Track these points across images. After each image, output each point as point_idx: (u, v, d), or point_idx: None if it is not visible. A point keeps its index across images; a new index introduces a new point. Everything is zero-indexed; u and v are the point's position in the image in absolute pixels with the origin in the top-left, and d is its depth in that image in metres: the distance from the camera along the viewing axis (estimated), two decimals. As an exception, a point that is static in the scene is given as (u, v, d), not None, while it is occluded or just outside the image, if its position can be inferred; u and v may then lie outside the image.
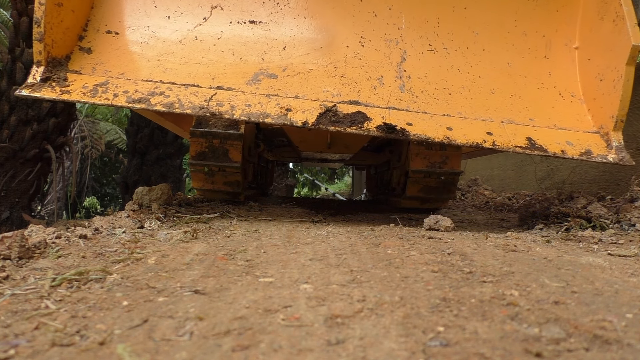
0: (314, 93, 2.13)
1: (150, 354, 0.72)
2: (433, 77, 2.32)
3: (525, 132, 2.17)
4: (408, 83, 2.27)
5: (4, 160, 4.83)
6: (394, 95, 2.20)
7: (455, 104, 2.24)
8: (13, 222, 4.76)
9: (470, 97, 2.29)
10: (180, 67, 2.14)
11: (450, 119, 2.15)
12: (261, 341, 0.76)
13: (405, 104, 2.18)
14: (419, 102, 2.21)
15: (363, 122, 2.00)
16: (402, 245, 1.57)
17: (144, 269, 1.26)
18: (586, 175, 3.95)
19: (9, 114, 4.88)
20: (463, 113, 2.21)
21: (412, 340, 0.76)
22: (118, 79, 2.04)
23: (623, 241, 1.91)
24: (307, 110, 2.02)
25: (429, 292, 1.04)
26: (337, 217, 2.75)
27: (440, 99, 2.24)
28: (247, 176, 3.37)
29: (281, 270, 1.25)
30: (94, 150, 9.73)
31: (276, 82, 2.14)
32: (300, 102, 2.05)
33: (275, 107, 2.00)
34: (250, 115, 1.94)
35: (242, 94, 2.05)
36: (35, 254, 1.35)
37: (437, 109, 2.20)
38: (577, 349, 0.74)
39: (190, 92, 2.02)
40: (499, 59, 2.42)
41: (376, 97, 2.18)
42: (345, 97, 2.14)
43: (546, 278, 1.18)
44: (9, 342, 0.77)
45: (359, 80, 2.22)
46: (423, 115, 2.14)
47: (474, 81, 2.35)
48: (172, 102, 1.94)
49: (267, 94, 2.08)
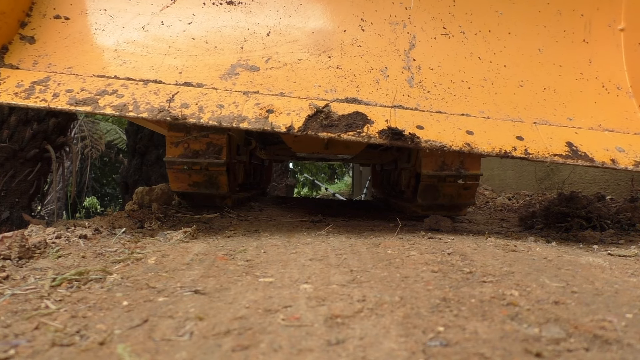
0: (302, 89, 1.80)
1: (150, 354, 0.72)
2: (448, 68, 1.96)
3: (564, 136, 1.81)
4: (418, 75, 1.92)
5: (4, 160, 4.83)
6: (400, 90, 1.86)
7: (476, 100, 1.89)
8: (13, 222, 4.77)
9: (494, 92, 1.93)
10: (141, 59, 1.81)
11: (470, 120, 1.81)
12: (261, 341, 0.76)
13: (415, 102, 1.84)
14: (432, 98, 1.86)
15: (362, 125, 1.69)
16: (402, 245, 1.57)
17: (144, 269, 1.26)
18: (586, 175, 3.95)
19: (8, 113, 4.88)
20: (486, 112, 1.86)
21: (412, 340, 0.76)
22: (63, 75, 1.71)
23: (623, 241, 1.91)
24: (293, 111, 1.70)
25: (429, 292, 1.04)
26: (338, 217, 2.75)
27: (457, 94, 1.89)
28: (236, 177, 3.01)
29: (281, 270, 1.25)
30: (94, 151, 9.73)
31: (257, 76, 1.81)
32: (286, 101, 1.74)
33: (254, 108, 1.68)
34: (222, 119, 1.62)
35: (214, 92, 1.73)
36: (35, 254, 1.35)
37: (453, 107, 1.85)
38: (577, 349, 0.74)
39: (150, 90, 1.69)
40: (528, 45, 2.05)
41: (379, 93, 1.84)
42: (341, 93, 1.81)
43: (546, 278, 1.18)
44: (9, 342, 0.77)
45: (358, 73, 1.89)
46: (437, 116, 1.80)
47: (498, 72, 1.99)
48: (126, 103, 1.61)
49: (245, 91, 1.75)
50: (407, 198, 3.07)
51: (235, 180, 2.96)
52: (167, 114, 1.60)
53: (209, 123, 1.61)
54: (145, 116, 1.59)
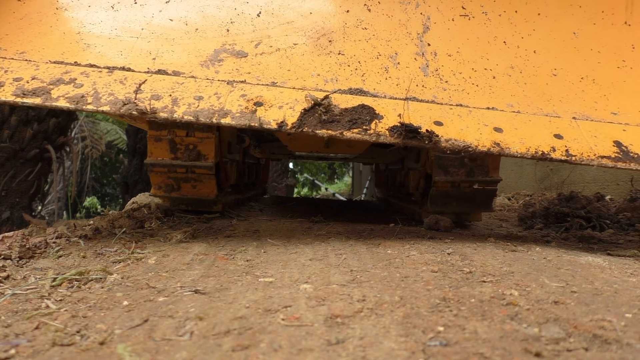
0: (298, 78, 1.57)
1: (150, 353, 0.72)
2: (469, 54, 1.71)
3: (610, 133, 1.58)
4: (434, 62, 1.67)
5: (5, 161, 4.83)
6: (414, 79, 1.62)
7: (503, 91, 1.65)
8: (13, 222, 4.77)
9: (524, 82, 1.69)
10: (108, 43, 1.58)
11: (497, 115, 1.58)
12: (261, 341, 0.76)
13: (431, 93, 1.60)
14: (451, 89, 1.63)
15: (369, 121, 1.46)
16: (402, 245, 1.58)
17: (144, 268, 1.26)
18: (585, 175, 3.95)
19: (9, 113, 4.88)
20: (515, 105, 1.62)
21: (412, 340, 0.76)
22: (12, 61, 1.49)
23: (622, 241, 1.91)
24: (287, 104, 1.47)
25: (429, 291, 1.04)
26: (338, 217, 2.75)
27: (480, 84, 1.66)
28: (228, 178, 2.76)
29: (281, 270, 1.26)
30: (94, 151, 9.74)
31: (245, 63, 1.58)
32: (278, 92, 1.51)
33: (239, 101, 1.45)
34: (199, 113, 1.40)
35: (192, 81, 1.50)
36: (36, 253, 1.35)
37: (477, 99, 1.62)
38: (576, 348, 0.74)
39: (115, 78, 1.47)
40: (561, 27, 1.80)
41: (388, 84, 1.60)
42: (343, 83, 1.58)
43: (546, 278, 1.18)
44: (9, 341, 0.77)
45: (363, 59, 1.65)
46: (458, 110, 1.57)
47: (527, 58, 1.74)
48: (84, 94, 1.39)
49: (229, 80, 1.52)
50: (416, 201, 2.83)
51: (227, 181, 2.75)
52: (132, 107, 1.38)
53: (184, 118, 1.39)
54: (106, 109, 1.37)
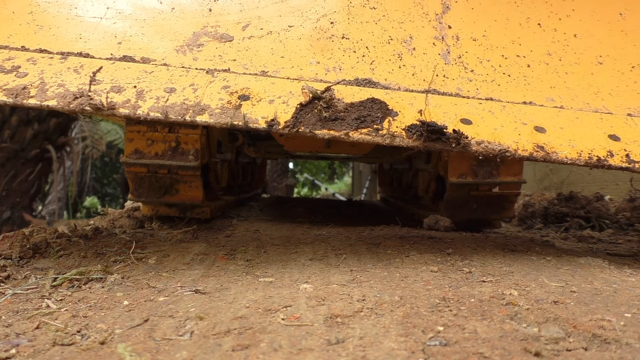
0: (293, 66, 1.34)
1: (150, 353, 0.72)
2: (497, 38, 1.47)
3: None
4: (456, 48, 1.44)
5: (5, 161, 4.84)
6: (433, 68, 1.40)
7: (540, 82, 1.43)
8: (14, 222, 4.77)
9: (564, 71, 1.46)
10: (65, 25, 1.35)
11: (537, 111, 1.35)
12: (261, 341, 0.76)
13: (455, 84, 1.37)
14: (478, 80, 1.40)
15: (381, 119, 1.22)
16: (402, 245, 1.58)
17: (144, 268, 1.26)
18: (585, 176, 3.95)
19: (10, 114, 4.89)
20: (556, 99, 1.40)
21: (411, 340, 0.76)
22: None
23: (622, 241, 1.91)
24: (279, 97, 1.24)
25: (429, 291, 1.04)
26: (338, 218, 2.75)
27: (513, 74, 1.43)
28: (218, 180, 2.54)
29: (281, 270, 1.26)
30: (94, 151, 9.75)
31: (230, 49, 1.35)
32: (268, 83, 1.28)
33: (221, 94, 1.23)
34: (169, 109, 1.16)
35: (163, 70, 1.27)
36: (37, 253, 1.35)
37: (510, 92, 1.39)
38: (576, 348, 0.75)
39: (69, 66, 1.24)
40: (605, 7, 1.56)
41: (402, 73, 1.37)
42: (348, 72, 1.35)
43: (545, 277, 1.18)
44: (10, 341, 0.77)
45: (372, 44, 1.41)
46: (488, 105, 1.34)
47: (567, 44, 1.50)
48: (27, 85, 1.16)
49: (209, 69, 1.30)
50: (426, 205, 2.60)
51: (218, 183, 2.54)
52: (85, 102, 1.13)
53: (150, 115, 1.15)
54: (52, 104, 1.13)
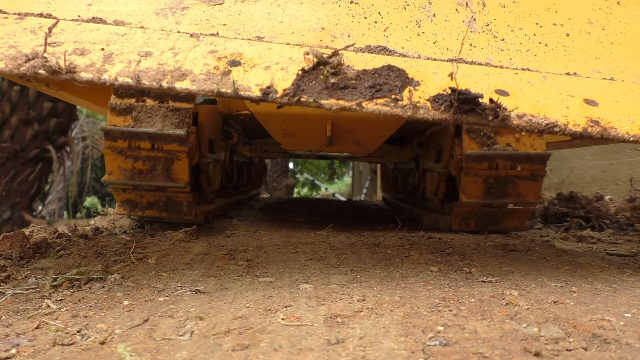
0: (294, 32, 1.18)
1: (150, 353, 0.72)
2: (529, 5, 1.33)
3: None
4: (483, 15, 1.29)
5: (5, 161, 4.84)
6: (457, 36, 1.25)
7: (583, 53, 1.29)
8: (14, 222, 4.78)
9: (609, 41, 1.32)
10: None
11: (584, 83, 1.22)
12: (261, 340, 0.76)
13: (483, 54, 1.23)
14: (510, 49, 1.25)
15: (400, 87, 1.05)
16: (401, 245, 1.58)
17: (144, 268, 1.26)
18: (585, 175, 3.95)
19: (10, 114, 4.89)
20: (604, 71, 1.26)
21: (411, 340, 0.76)
22: None
23: (621, 241, 1.91)
24: (276, 64, 1.08)
25: (429, 291, 1.04)
26: (338, 217, 2.75)
27: (551, 44, 1.29)
28: (211, 182, 2.37)
29: (281, 270, 1.26)
30: (94, 151, 9.74)
31: (219, 12, 1.20)
32: (264, 49, 1.12)
33: (207, 58, 1.07)
34: (141, 74, 1.01)
35: (139, 33, 1.12)
36: (37, 253, 1.35)
37: (549, 62, 1.25)
38: (576, 348, 0.75)
39: (25, 27, 1.09)
40: None
41: (422, 41, 1.23)
42: (359, 40, 1.19)
43: (545, 277, 1.18)
44: (10, 341, 0.78)
45: (385, 10, 1.25)
46: (526, 75, 1.20)
47: (610, 11, 1.35)
48: None
49: (194, 33, 1.15)
50: (435, 207, 2.45)
51: (210, 186, 2.37)
52: (39, 64, 0.98)
53: (118, 80, 1.00)
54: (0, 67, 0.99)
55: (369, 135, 2.17)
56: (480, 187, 1.93)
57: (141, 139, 1.79)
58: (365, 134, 2.15)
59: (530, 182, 1.93)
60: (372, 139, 2.22)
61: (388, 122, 1.80)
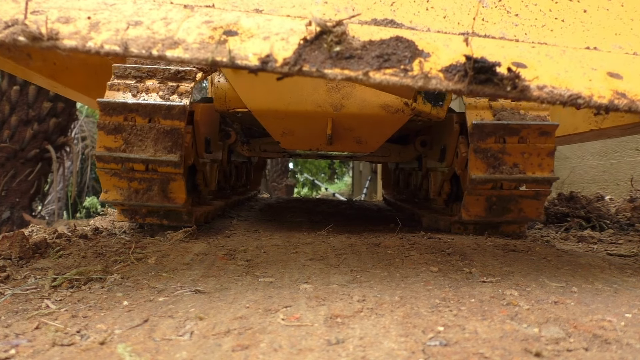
0: (295, 5, 1.14)
1: (150, 353, 0.72)
2: None
3: None
4: None
5: (5, 160, 4.84)
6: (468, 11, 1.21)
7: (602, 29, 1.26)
8: (14, 222, 4.77)
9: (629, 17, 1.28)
10: None
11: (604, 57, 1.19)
12: (261, 341, 0.76)
13: (497, 29, 1.20)
14: (525, 25, 1.22)
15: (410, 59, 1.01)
16: (401, 245, 1.58)
17: (144, 268, 1.26)
18: (585, 176, 3.95)
19: (9, 114, 4.89)
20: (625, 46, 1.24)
21: (411, 340, 0.76)
22: None
23: (622, 241, 1.91)
24: (276, 34, 1.03)
25: (429, 291, 1.04)
26: (338, 217, 2.75)
27: (567, 20, 1.25)
28: (207, 182, 2.34)
29: (281, 270, 1.26)
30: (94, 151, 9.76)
31: None
32: (263, 20, 1.08)
33: (201, 28, 1.04)
34: (130, 41, 0.98)
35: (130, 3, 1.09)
36: (36, 253, 1.35)
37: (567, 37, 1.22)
38: (576, 348, 0.74)
39: None
40: None
41: (431, 16, 1.19)
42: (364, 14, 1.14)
43: (546, 278, 1.18)
44: (9, 341, 0.77)
45: None
46: (543, 49, 1.17)
47: None
48: None
49: (188, 4, 1.10)
50: (438, 208, 2.42)
51: (206, 186, 2.35)
52: (19, 30, 0.94)
53: (104, 48, 0.96)
54: None
55: (370, 133, 2.13)
56: (482, 205, 1.92)
57: (134, 162, 1.78)
58: (367, 132, 2.12)
59: (533, 200, 1.93)
60: (374, 138, 2.18)
61: (390, 120, 1.77)
